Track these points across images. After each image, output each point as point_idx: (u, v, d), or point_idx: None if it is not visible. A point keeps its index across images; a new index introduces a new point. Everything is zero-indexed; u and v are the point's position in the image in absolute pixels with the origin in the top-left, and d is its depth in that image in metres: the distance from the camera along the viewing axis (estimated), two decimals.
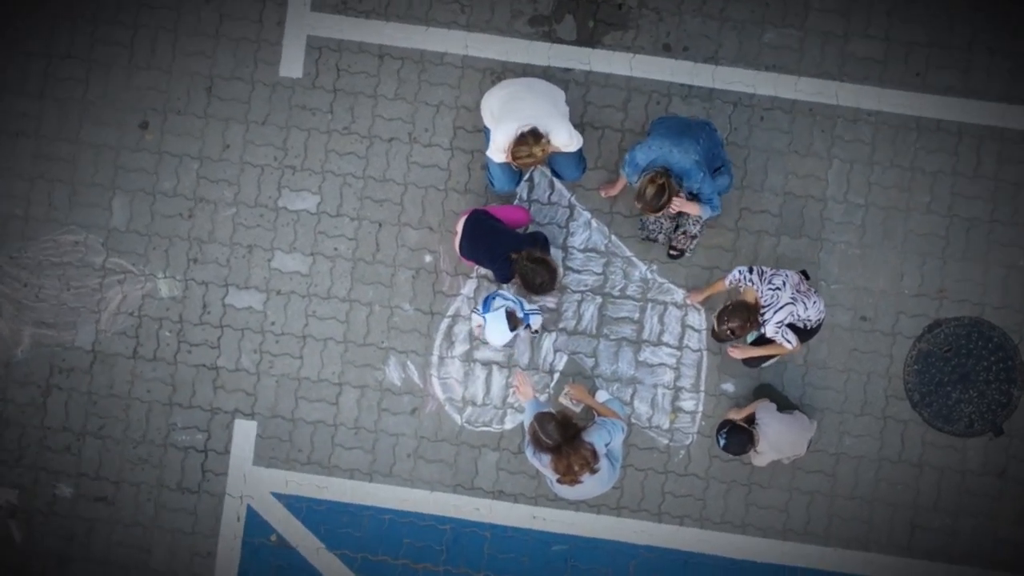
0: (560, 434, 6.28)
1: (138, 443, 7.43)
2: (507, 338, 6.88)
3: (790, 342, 6.64)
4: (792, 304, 6.58)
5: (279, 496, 7.40)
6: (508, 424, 7.39)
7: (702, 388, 7.35)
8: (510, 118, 6.64)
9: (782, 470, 7.29)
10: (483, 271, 7.34)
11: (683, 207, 6.69)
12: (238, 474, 7.40)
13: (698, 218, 6.88)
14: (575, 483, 6.39)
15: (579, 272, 7.38)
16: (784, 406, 7.10)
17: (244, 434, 7.40)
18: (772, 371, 7.29)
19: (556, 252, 7.30)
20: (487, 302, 6.96)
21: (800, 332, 6.71)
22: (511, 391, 7.36)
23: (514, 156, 6.59)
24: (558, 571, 7.35)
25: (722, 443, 6.85)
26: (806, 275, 6.95)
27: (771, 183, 7.34)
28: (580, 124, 7.21)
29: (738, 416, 7.00)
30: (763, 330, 6.62)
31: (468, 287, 7.41)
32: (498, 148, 6.71)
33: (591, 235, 7.39)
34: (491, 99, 6.92)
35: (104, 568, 7.42)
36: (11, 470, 7.43)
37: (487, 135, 6.91)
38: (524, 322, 6.97)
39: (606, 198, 7.35)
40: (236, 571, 7.39)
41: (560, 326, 7.38)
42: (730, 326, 6.51)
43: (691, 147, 6.62)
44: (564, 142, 6.69)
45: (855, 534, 7.32)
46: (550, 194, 7.41)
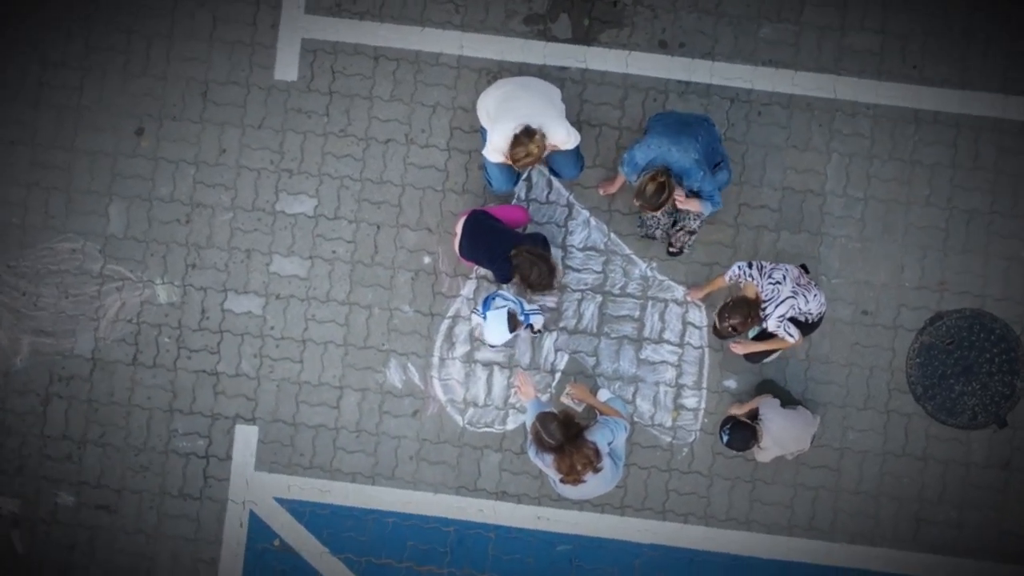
0: (562, 433, 6.27)
1: (139, 450, 7.40)
2: (506, 337, 6.87)
3: (792, 336, 6.62)
4: (793, 298, 6.56)
5: (282, 501, 7.38)
6: (510, 425, 7.37)
7: (704, 385, 7.34)
8: (506, 117, 6.62)
9: (786, 466, 7.27)
10: (482, 272, 7.32)
11: (685, 205, 6.68)
12: (240, 480, 7.38)
13: (698, 214, 6.85)
14: (578, 483, 6.38)
15: (579, 271, 7.36)
16: (787, 401, 7.08)
17: (245, 439, 7.38)
18: (774, 367, 7.27)
19: (556, 251, 7.28)
20: (487, 302, 6.94)
21: (802, 326, 6.70)
22: (513, 391, 7.34)
23: (513, 159, 6.57)
24: (563, 571, 7.33)
25: (725, 439, 6.82)
26: (805, 269, 6.94)
27: (770, 178, 7.33)
28: (577, 123, 7.19)
29: (740, 411, 6.98)
30: (765, 325, 6.61)
31: (468, 288, 7.39)
32: (495, 148, 6.69)
33: (590, 233, 7.37)
34: (487, 99, 6.90)
35: None
36: (12, 480, 7.41)
37: (484, 135, 6.89)
38: (524, 323, 6.95)
39: (604, 196, 7.33)
40: None
41: (561, 325, 7.36)
42: (731, 322, 6.50)
43: (690, 145, 6.60)
44: (562, 139, 6.68)
45: (860, 529, 7.30)
46: (548, 193, 7.39)
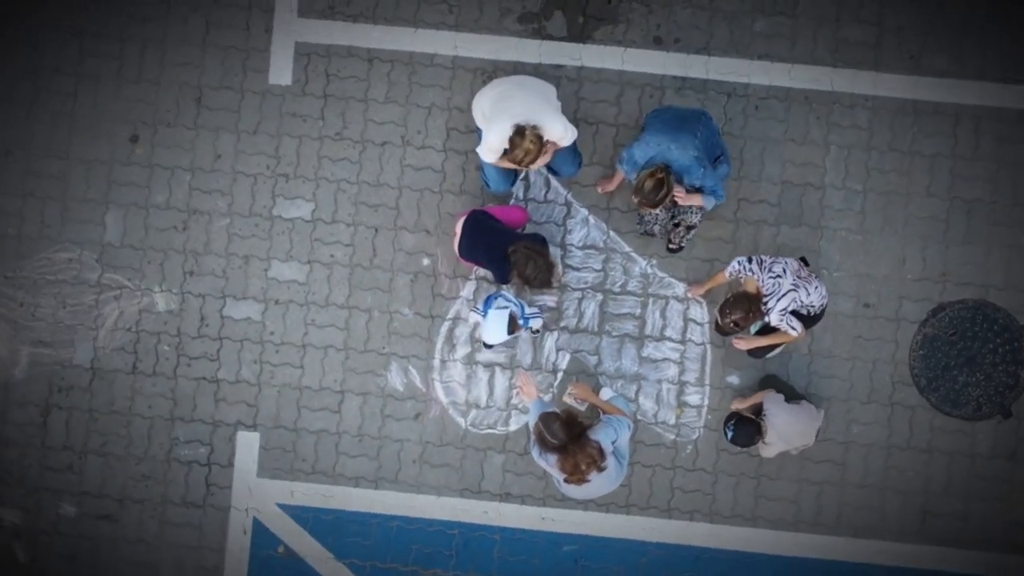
0: (566, 433, 6.25)
1: (141, 459, 7.38)
2: (503, 339, 6.85)
3: (795, 329, 6.60)
4: (794, 291, 6.54)
5: (285, 507, 7.35)
6: (513, 426, 7.35)
7: (707, 382, 7.31)
8: (502, 117, 6.60)
9: (791, 461, 7.24)
10: (482, 273, 7.29)
11: (687, 201, 6.65)
12: (243, 487, 7.35)
13: (699, 208, 6.82)
14: (583, 482, 6.35)
15: (579, 270, 7.34)
16: (790, 396, 7.05)
17: (247, 446, 7.35)
18: (777, 361, 7.25)
19: (555, 250, 7.25)
20: (489, 300, 6.92)
21: (804, 319, 6.67)
22: (515, 392, 7.31)
23: (514, 161, 6.55)
24: (569, 572, 7.31)
25: (729, 436, 6.80)
26: (805, 262, 6.92)
27: (768, 172, 7.30)
28: (574, 120, 7.15)
29: (742, 405, 6.96)
30: (767, 319, 6.58)
31: (467, 289, 7.36)
32: (491, 148, 6.67)
33: (589, 232, 7.34)
34: (482, 99, 6.87)
35: None
36: (13, 491, 7.38)
37: (480, 136, 6.86)
38: (523, 327, 6.94)
39: (603, 194, 7.31)
40: None
41: (562, 324, 7.33)
42: (733, 318, 6.48)
43: (689, 142, 6.58)
44: (559, 135, 6.65)
45: (866, 523, 7.27)
46: (546, 192, 7.36)
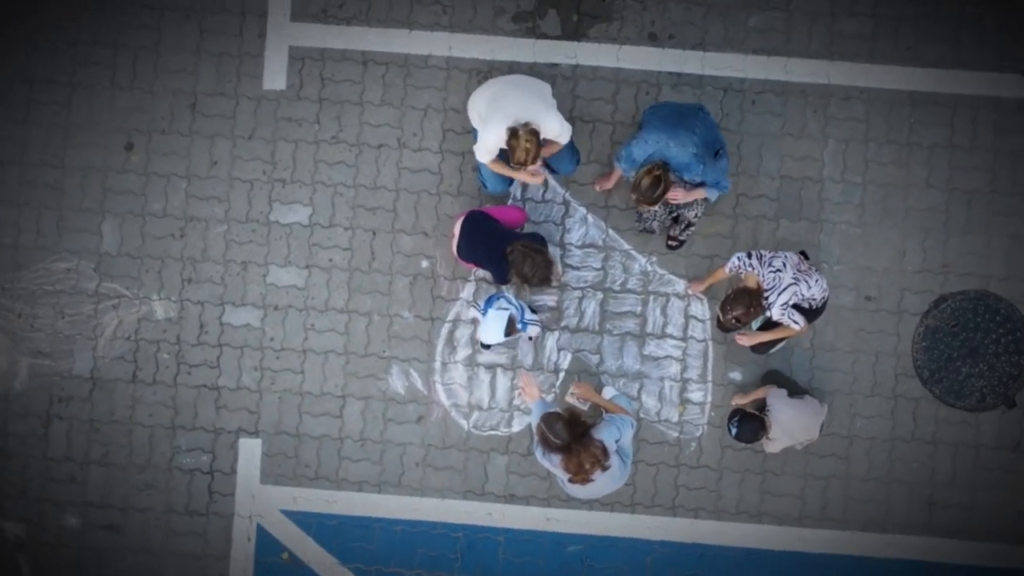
0: (569, 433, 6.23)
1: (143, 468, 7.35)
2: (499, 340, 6.84)
3: (797, 323, 6.58)
4: (795, 284, 6.52)
5: (288, 513, 7.33)
6: (515, 427, 7.33)
7: (709, 378, 7.29)
8: (497, 117, 6.59)
9: (795, 456, 7.22)
10: (481, 274, 7.28)
11: (690, 196, 6.62)
12: (246, 493, 7.33)
13: (702, 201, 6.78)
14: (587, 482, 6.33)
15: (578, 269, 7.32)
16: (793, 391, 7.04)
17: (249, 453, 7.33)
18: (779, 356, 7.23)
19: (554, 249, 7.23)
20: (490, 300, 6.91)
21: (806, 312, 6.65)
22: (517, 393, 7.29)
23: (516, 160, 6.53)
24: (574, 572, 7.30)
25: (733, 432, 6.78)
26: (805, 255, 6.90)
27: (767, 167, 7.28)
28: (570, 119, 7.15)
29: (744, 400, 6.95)
30: (769, 314, 6.56)
31: (467, 291, 7.34)
32: (487, 149, 6.66)
33: (588, 230, 7.32)
34: (477, 100, 6.86)
35: None
36: (16, 503, 7.36)
37: (476, 137, 6.84)
38: (520, 331, 6.93)
39: (601, 192, 7.29)
40: None
41: (563, 324, 7.31)
42: (735, 314, 6.46)
43: (687, 139, 6.55)
44: (556, 132, 6.64)
45: (873, 516, 7.25)
46: (544, 192, 7.35)
